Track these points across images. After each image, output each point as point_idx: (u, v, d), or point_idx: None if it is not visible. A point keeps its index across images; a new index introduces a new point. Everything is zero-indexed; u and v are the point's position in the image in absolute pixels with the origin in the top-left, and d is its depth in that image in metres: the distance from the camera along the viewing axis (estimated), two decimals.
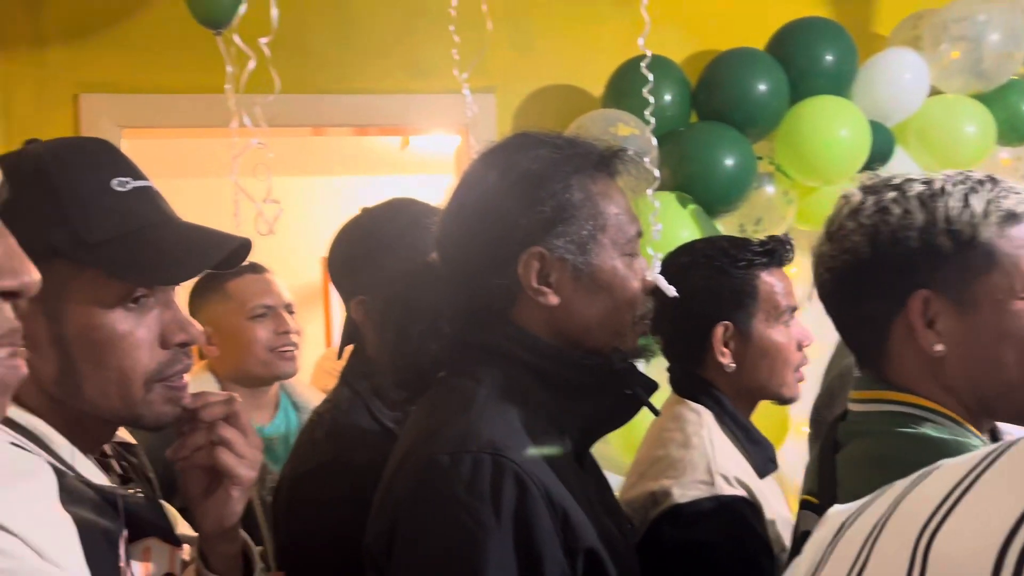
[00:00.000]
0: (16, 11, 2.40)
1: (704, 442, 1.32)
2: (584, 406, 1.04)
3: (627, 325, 1.06)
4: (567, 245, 1.01)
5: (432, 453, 0.94)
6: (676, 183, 2.42)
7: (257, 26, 1.78)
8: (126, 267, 0.87)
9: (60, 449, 0.88)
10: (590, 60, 2.71)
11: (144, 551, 0.93)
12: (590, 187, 1.03)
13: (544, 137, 1.07)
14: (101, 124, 2.41)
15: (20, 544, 0.76)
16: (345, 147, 4.47)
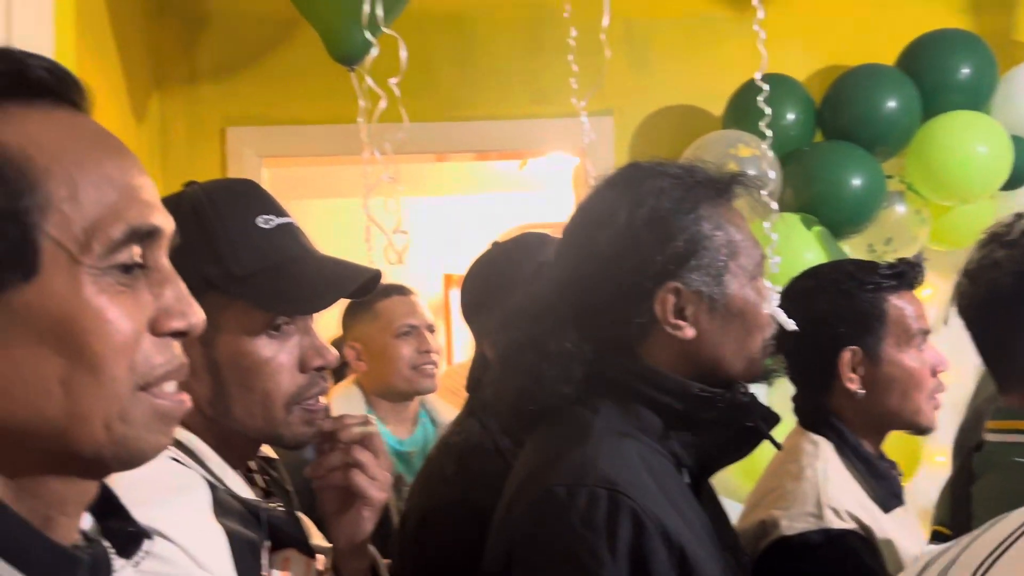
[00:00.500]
0: (173, 54, 2.61)
1: (817, 474, 1.29)
2: (703, 439, 1.04)
3: (758, 350, 1.06)
4: (702, 277, 1.02)
5: (549, 484, 0.96)
6: (799, 204, 2.37)
7: (387, 60, 1.87)
8: (270, 298, 0.94)
9: (212, 464, 0.96)
10: (710, 80, 2.70)
11: (283, 561, 1.00)
12: (717, 216, 1.04)
13: (660, 168, 1.07)
14: (244, 154, 2.58)
15: (180, 552, 0.84)
16: (466, 167, 4.59)
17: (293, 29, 2.58)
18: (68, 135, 0.55)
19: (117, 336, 0.54)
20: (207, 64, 2.62)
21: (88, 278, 0.53)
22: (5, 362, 0.52)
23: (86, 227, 0.53)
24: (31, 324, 0.52)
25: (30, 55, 0.56)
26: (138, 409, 0.55)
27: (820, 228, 2.32)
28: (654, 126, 2.75)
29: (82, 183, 0.54)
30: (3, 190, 0.51)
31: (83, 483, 0.58)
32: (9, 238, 0.51)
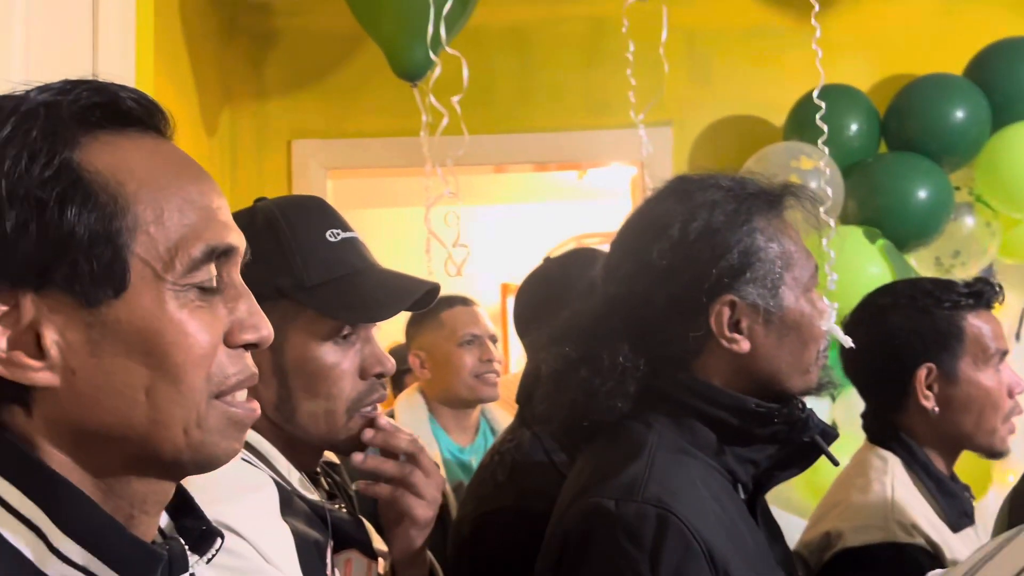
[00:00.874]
0: (242, 69, 2.69)
1: (885, 488, 1.28)
2: (760, 455, 1.04)
3: (813, 362, 1.05)
4: (757, 290, 1.01)
5: (599, 498, 0.96)
6: (863, 217, 2.33)
7: (449, 75, 1.91)
8: (337, 307, 0.98)
9: (279, 465, 1.00)
10: (771, 90, 2.67)
11: (346, 562, 1.03)
12: (770, 228, 1.04)
13: (711, 180, 1.07)
14: (309, 167, 2.65)
15: (249, 547, 0.88)
16: (524, 177, 4.62)
17: (357, 45, 2.64)
18: (154, 161, 0.59)
19: (196, 349, 0.58)
20: (274, 79, 2.70)
21: (171, 294, 0.57)
22: (97, 372, 0.56)
23: (169, 247, 0.57)
24: (120, 337, 0.56)
25: (121, 87, 0.60)
26: (213, 416, 0.59)
27: (884, 241, 2.28)
28: (714, 137, 2.74)
29: (167, 207, 0.58)
30: (98, 214, 0.55)
31: (162, 484, 0.62)
32: (102, 258, 0.55)
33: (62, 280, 0.55)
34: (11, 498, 0.55)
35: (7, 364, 0.55)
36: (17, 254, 0.54)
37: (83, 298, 0.55)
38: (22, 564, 0.54)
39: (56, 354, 0.55)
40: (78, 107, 0.57)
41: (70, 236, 0.54)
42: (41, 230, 0.54)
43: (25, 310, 0.55)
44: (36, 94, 0.57)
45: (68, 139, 0.56)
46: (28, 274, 0.54)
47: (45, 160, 0.55)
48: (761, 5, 2.74)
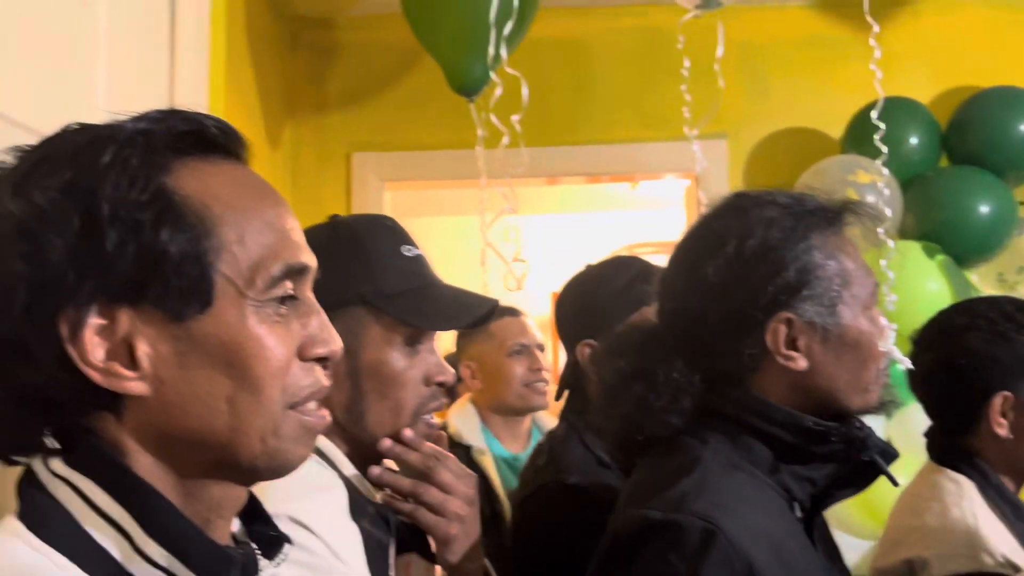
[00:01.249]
0: (304, 83, 2.77)
1: (966, 514, 1.24)
2: (817, 473, 1.03)
3: (873, 380, 1.03)
4: (815, 308, 1.01)
5: (648, 509, 0.97)
6: (922, 232, 2.29)
7: (505, 90, 1.94)
8: (414, 315, 1.04)
9: (345, 468, 1.04)
10: (828, 102, 2.65)
11: (405, 565, 1.08)
12: (829, 245, 1.03)
13: (768, 197, 1.06)
14: (368, 179, 2.71)
15: (322, 544, 0.92)
16: (576, 187, 4.63)
17: (415, 59, 2.69)
18: (236, 186, 0.63)
19: (274, 361, 0.61)
20: (335, 93, 2.77)
21: (251, 310, 0.61)
22: (184, 382, 0.60)
23: (251, 265, 0.61)
24: (205, 349, 0.60)
25: (206, 116, 0.64)
26: (287, 425, 0.62)
27: (944, 257, 2.24)
28: (769, 149, 2.72)
29: (248, 228, 0.62)
30: (188, 235, 0.59)
31: (238, 489, 0.65)
32: (191, 276, 0.59)
33: (154, 296, 0.58)
34: (100, 500, 0.58)
35: (105, 374, 0.58)
36: (116, 272, 0.57)
37: (173, 313, 0.59)
38: (108, 563, 0.57)
39: (148, 365, 0.59)
40: (171, 135, 0.61)
41: (163, 255, 0.58)
42: (138, 250, 0.58)
43: (121, 324, 0.58)
44: (133, 123, 0.61)
45: (162, 165, 0.60)
46: (125, 290, 0.58)
47: (143, 185, 0.59)
48: (817, 16, 2.72)
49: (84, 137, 0.61)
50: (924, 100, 2.53)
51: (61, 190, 0.58)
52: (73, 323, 0.58)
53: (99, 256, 0.57)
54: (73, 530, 0.58)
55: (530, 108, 1.93)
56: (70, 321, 0.58)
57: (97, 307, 0.58)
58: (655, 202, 4.52)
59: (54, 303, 0.57)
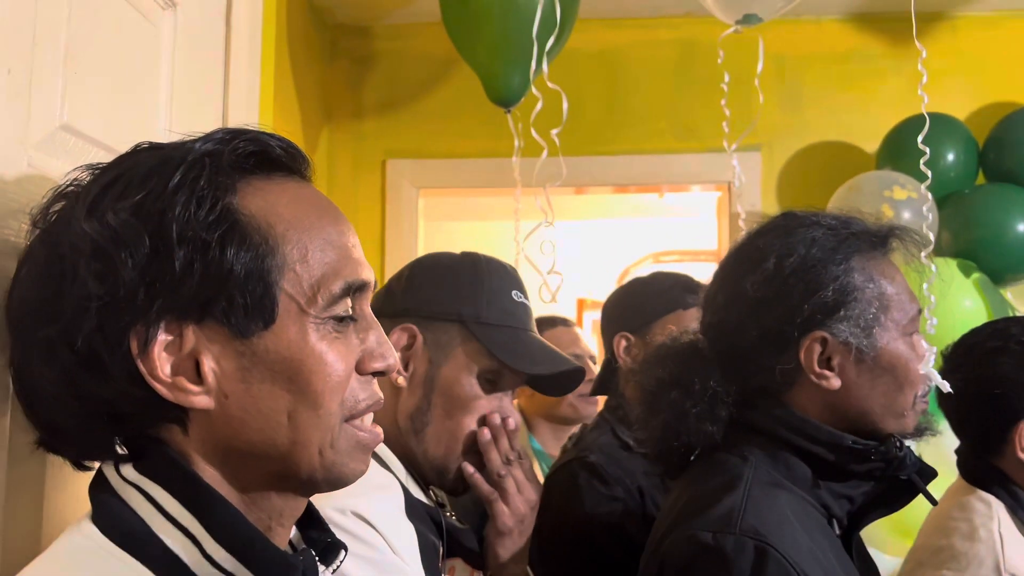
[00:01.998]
0: (341, 90, 2.80)
1: (993, 536, 1.25)
2: (855, 491, 1.04)
3: (909, 406, 1.04)
4: (851, 328, 1.01)
5: (697, 530, 0.97)
6: (957, 250, 2.28)
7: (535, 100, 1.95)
8: (501, 348, 1.10)
9: (398, 471, 1.08)
10: (865, 117, 2.64)
11: (449, 569, 1.11)
12: (870, 268, 1.04)
13: (815, 218, 1.08)
14: (402, 185, 2.74)
15: (382, 540, 0.96)
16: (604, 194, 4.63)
17: (451, 68, 2.72)
18: (299, 204, 0.65)
19: (334, 377, 0.63)
20: (371, 101, 2.80)
21: (312, 327, 0.63)
22: (247, 396, 0.62)
23: (312, 284, 0.63)
24: (268, 365, 0.62)
25: (270, 136, 0.66)
26: (343, 439, 0.64)
27: (979, 275, 2.23)
28: (804, 163, 2.71)
29: (310, 247, 0.64)
30: (252, 254, 0.61)
31: (298, 499, 0.67)
32: (255, 294, 0.61)
33: (220, 313, 0.60)
34: (170, 506, 0.60)
35: (172, 388, 0.61)
36: (183, 289, 0.60)
37: (237, 330, 0.61)
38: (178, 567, 0.59)
39: (212, 380, 0.61)
40: (236, 156, 0.63)
41: (229, 274, 0.60)
42: (205, 268, 0.60)
43: (187, 340, 0.61)
44: (200, 144, 0.64)
45: (228, 186, 0.62)
46: (192, 308, 0.60)
47: (209, 205, 0.61)
48: (855, 30, 2.71)
49: (154, 159, 0.63)
50: (962, 116, 2.52)
51: (132, 212, 0.60)
52: (143, 339, 0.60)
53: (168, 275, 0.59)
54: (145, 535, 0.60)
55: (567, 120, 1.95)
56: (140, 337, 0.60)
57: (165, 324, 0.60)
58: (681, 211, 4.52)
59: (125, 320, 0.59)
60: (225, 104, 1.22)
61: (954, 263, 2.23)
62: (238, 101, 1.24)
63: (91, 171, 0.65)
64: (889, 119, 2.49)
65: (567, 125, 1.84)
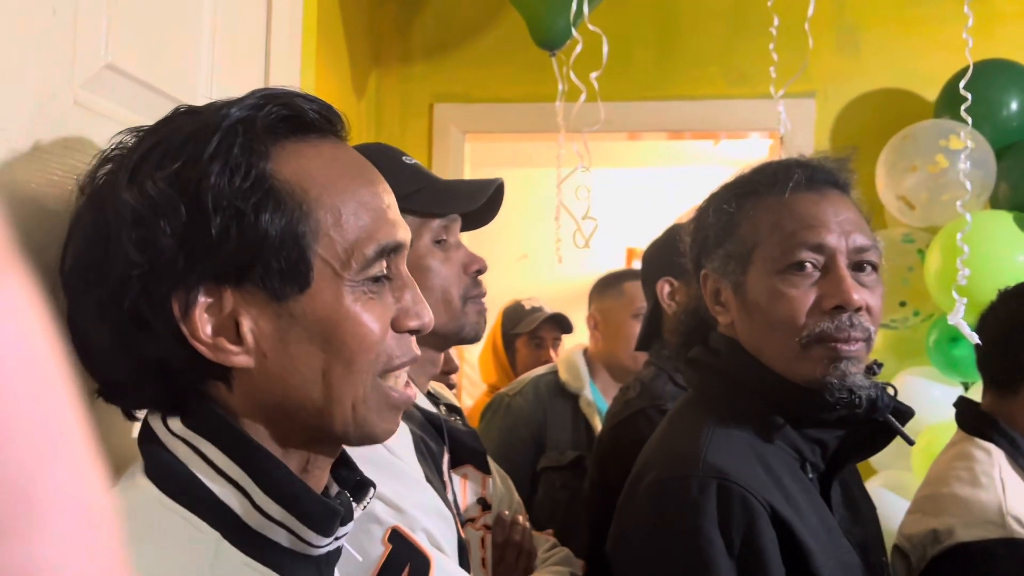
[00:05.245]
0: (389, 34, 2.81)
1: (995, 482, 1.25)
2: (827, 436, 1.04)
3: (795, 349, 1.01)
4: (726, 263, 1.07)
5: (662, 476, 1.01)
6: (1015, 201, 2.21)
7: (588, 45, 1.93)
8: (432, 206, 1.15)
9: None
10: (923, 63, 2.55)
11: (462, 477, 1.18)
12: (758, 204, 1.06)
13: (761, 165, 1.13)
14: (449, 130, 2.75)
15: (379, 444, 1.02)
16: (656, 142, 4.57)
17: (498, 12, 2.69)
18: (333, 167, 0.66)
19: (369, 337, 0.65)
20: (419, 45, 2.80)
21: (347, 290, 0.64)
22: (284, 356, 0.64)
23: (347, 247, 0.64)
24: (304, 327, 0.63)
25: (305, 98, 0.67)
26: (375, 396, 0.66)
27: None
28: (859, 110, 2.64)
29: (344, 210, 0.65)
30: (287, 219, 0.63)
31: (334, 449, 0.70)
32: (291, 258, 0.62)
33: (257, 277, 0.62)
34: (219, 461, 0.63)
35: (212, 348, 0.63)
36: (220, 255, 0.61)
37: (273, 293, 0.63)
38: (230, 517, 0.62)
39: (251, 340, 0.63)
40: (269, 121, 0.64)
41: (264, 239, 0.62)
42: (240, 234, 0.61)
43: (226, 302, 0.63)
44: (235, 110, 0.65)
45: (262, 152, 0.63)
46: (230, 272, 0.62)
47: (244, 172, 0.62)
48: None
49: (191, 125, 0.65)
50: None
51: (169, 181, 0.61)
52: (184, 303, 0.62)
53: (205, 242, 0.61)
54: (197, 487, 0.62)
55: (613, 62, 1.93)
56: (181, 301, 0.62)
57: (205, 288, 0.62)
58: (735, 159, 4.44)
59: (167, 285, 0.61)
60: (268, 45, 1.24)
61: (1010, 216, 2.16)
62: (281, 42, 1.25)
63: (134, 134, 0.67)
64: (950, 66, 2.40)
65: (617, 70, 1.83)
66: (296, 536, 0.64)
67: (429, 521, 0.98)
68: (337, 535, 0.67)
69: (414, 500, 0.98)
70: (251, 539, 0.62)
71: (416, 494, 0.99)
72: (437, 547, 0.97)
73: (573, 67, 1.75)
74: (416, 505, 0.97)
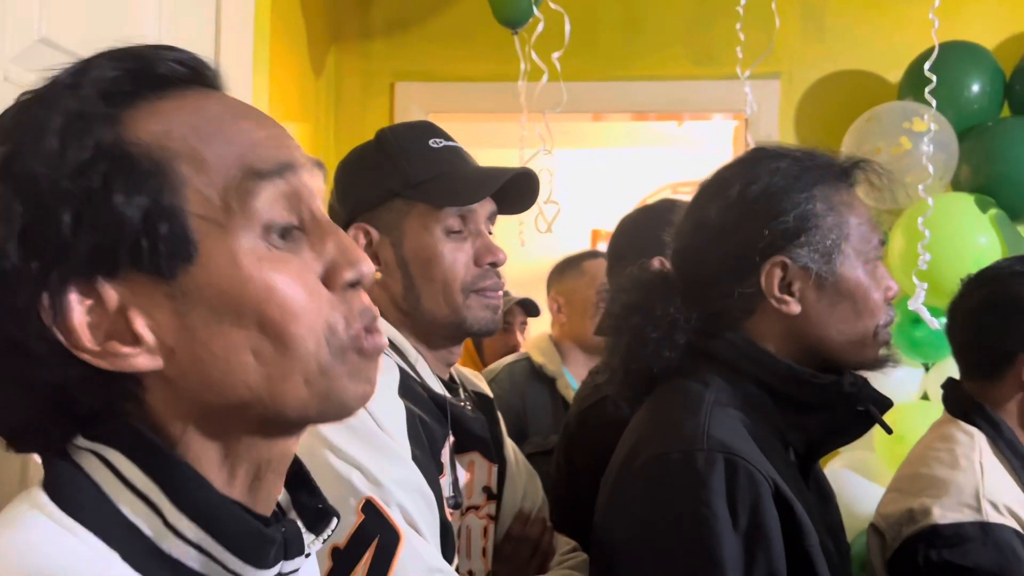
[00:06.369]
0: (349, 10, 2.74)
1: (974, 465, 1.26)
2: (811, 421, 1.05)
3: (869, 335, 1.05)
4: (810, 254, 1.04)
5: (665, 450, 0.99)
6: (976, 184, 2.22)
7: (552, 24, 1.90)
8: (440, 196, 1.10)
9: (408, 354, 1.11)
10: (888, 45, 2.55)
11: (469, 463, 1.14)
12: (832, 197, 1.06)
13: (783, 150, 1.10)
14: (411, 109, 2.70)
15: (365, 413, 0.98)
16: (621, 123, 4.55)
17: None
18: (196, 115, 0.56)
19: (292, 304, 0.54)
20: (380, 21, 2.74)
21: (240, 244, 0.54)
22: (194, 344, 0.54)
23: (219, 191, 0.54)
24: (204, 303, 0.53)
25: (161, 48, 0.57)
26: (336, 361, 0.56)
27: (997, 211, 2.18)
28: (824, 91, 2.64)
29: (207, 151, 0.54)
30: (144, 188, 0.53)
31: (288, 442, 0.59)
32: (162, 233, 0.53)
33: (131, 261, 0.53)
34: (133, 477, 0.54)
35: (104, 356, 0.53)
36: (79, 249, 0.52)
37: (157, 272, 0.53)
38: (139, 540, 0.54)
39: (150, 337, 0.54)
40: (105, 82, 0.54)
41: (122, 219, 0.52)
42: (95, 220, 0.52)
43: (108, 298, 0.53)
44: (67, 78, 0.55)
45: (105, 117, 0.53)
46: (97, 265, 0.53)
47: (83, 145, 0.52)
48: None
49: (22, 110, 0.55)
50: (989, 45, 2.42)
51: (6, 179, 0.52)
52: (53, 312, 0.52)
53: (56, 238, 0.52)
54: (99, 502, 0.54)
55: (577, 42, 1.90)
56: (48, 312, 0.52)
57: (76, 288, 0.53)
58: (700, 140, 4.43)
59: (25, 297, 0.52)
60: (218, 20, 1.19)
61: (972, 198, 2.18)
62: (232, 16, 1.20)
63: None
64: (915, 47, 2.40)
65: (580, 50, 1.80)
66: (218, 563, 0.55)
67: (406, 497, 0.94)
68: (281, 570, 0.58)
69: (394, 475, 0.95)
70: (160, 564, 0.54)
71: (397, 469, 0.96)
72: (411, 524, 0.94)
73: (535, 46, 1.72)
74: (395, 480, 0.94)
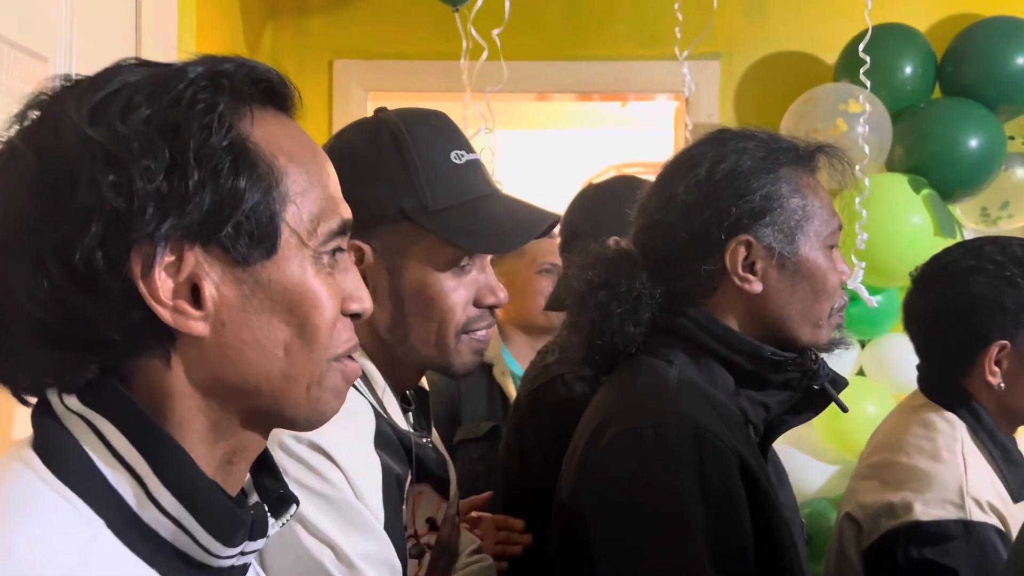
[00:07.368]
0: None
1: (957, 458, 1.23)
2: (771, 399, 1.08)
3: (824, 317, 1.08)
4: (774, 234, 1.06)
5: (635, 426, 1.00)
6: (910, 164, 2.27)
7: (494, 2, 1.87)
8: (462, 235, 0.97)
9: (379, 389, 1.01)
10: (825, 27, 2.59)
11: (417, 494, 1.04)
12: (796, 180, 1.08)
13: (749, 131, 1.12)
14: (351, 88, 2.64)
15: (341, 477, 0.90)
16: (565, 104, 4.54)
17: None
18: (295, 139, 0.64)
19: (329, 312, 0.62)
20: None
21: (310, 261, 0.62)
22: (244, 326, 0.60)
23: (311, 218, 0.62)
24: (269, 295, 0.60)
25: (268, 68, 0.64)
26: (329, 376, 0.64)
27: (929, 191, 2.23)
28: (763, 73, 2.67)
29: (309, 181, 0.62)
30: (260, 183, 0.59)
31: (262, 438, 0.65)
32: (261, 222, 0.59)
33: (226, 238, 0.58)
34: (116, 442, 0.58)
35: (172, 311, 0.58)
36: (193, 210, 0.57)
37: (239, 257, 0.59)
38: (119, 505, 0.57)
39: (211, 306, 0.59)
40: (249, 82, 0.61)
41: (239, 200, 0.58)
42: (215, 192, 0.58)
43: (187, 263, 0.58)
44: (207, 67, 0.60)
45: (241, 112, 0.60)
46: (199, 231, 0.58)
47: (225, 129, 0.58)
48: None
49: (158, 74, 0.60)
50: (922, 28, 2.47)
51: (149, 123, 0.57)
52: (147, 258, 0.57)
53: (180, 193, 0.57)
54: (87, 467, 0.57)
55: (520, 20, 1.88)
56: (143, 256, 0.57)
57: (170, 244, 0.58)
58: (644, 121, 4.45)
59: (131, 236, 0.56)
60: None
61: (905, 178, 2.23)
62: None
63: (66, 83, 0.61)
64: (850, 29, 2.43)
65: (523, 28, 1.78)
66: (192, 538, 0.59)
67: (374, 573, 0.91)
68: (244, 550, 0.62)
69: (366, 550, 0.90)
70: (139, 533, 0.57)
71: (369, 544, 0.91)
72: None
73: (475, 23, 1.69)
74: (365, 556, 0.90)
